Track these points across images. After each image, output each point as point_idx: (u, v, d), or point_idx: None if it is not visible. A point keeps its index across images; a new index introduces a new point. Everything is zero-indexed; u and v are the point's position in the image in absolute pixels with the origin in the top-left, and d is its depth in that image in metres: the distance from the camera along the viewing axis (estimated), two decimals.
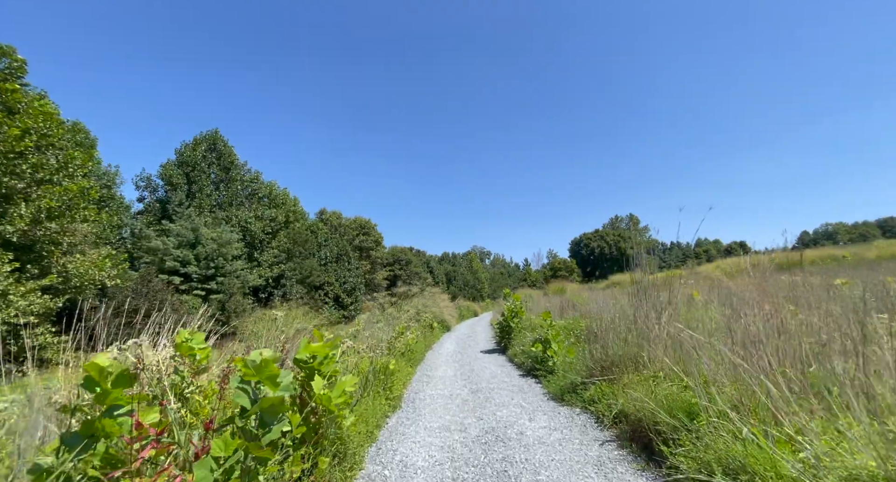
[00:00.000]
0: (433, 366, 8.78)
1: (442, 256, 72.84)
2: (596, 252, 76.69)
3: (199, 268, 29.87)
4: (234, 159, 35.56)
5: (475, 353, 10.51)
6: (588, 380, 5.19)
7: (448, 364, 9.10)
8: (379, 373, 5.89)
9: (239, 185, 35.36)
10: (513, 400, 5.64)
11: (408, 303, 16.90)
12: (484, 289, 62.45)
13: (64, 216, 17.18)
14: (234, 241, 31.57)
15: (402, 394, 6.23)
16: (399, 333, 8.58)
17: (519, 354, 8.38)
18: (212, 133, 35.04)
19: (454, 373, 8.01)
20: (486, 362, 9.02)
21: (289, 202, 40.54)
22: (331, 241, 41.31)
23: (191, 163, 32.79)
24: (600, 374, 5.12)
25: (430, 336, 13.52)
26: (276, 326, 10.19)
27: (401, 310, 16.00)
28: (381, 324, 9.81)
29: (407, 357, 8.52)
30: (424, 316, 14.89)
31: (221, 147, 35.18)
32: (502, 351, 10.35)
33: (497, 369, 8.10)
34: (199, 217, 30.84)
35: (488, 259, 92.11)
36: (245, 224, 34.47)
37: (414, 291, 17.42)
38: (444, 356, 10.40)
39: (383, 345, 8.01)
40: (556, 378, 6.06)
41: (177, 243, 29.27)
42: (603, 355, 5.25)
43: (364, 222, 46.23)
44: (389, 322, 14.72)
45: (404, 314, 15.18)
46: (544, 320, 7.19)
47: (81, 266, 18.11)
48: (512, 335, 10.12)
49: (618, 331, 5.47)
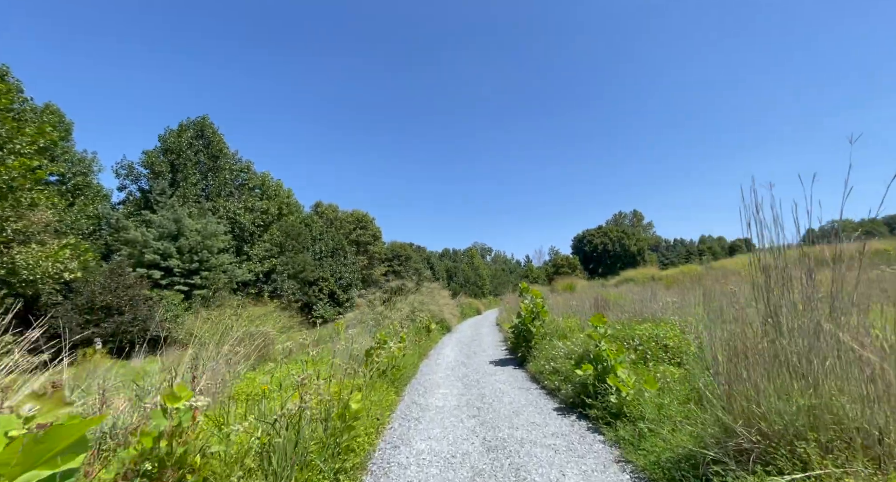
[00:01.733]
0: (427, 389, 6.19)
1: (442, 252, 70.32)
2: (599, 249, 73.96)
3: (182, 261, 27.30)
4: (222, 147, 32.94)
5: (483, 365, 7.92)
6: (722, 458, 2.56)
7: (448, 383, 6.51)
8: (333, 426, 3.30)
9: (228, 175, 32.73)
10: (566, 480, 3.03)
11: (402, 301, 14.29)
12: (485, 286, 59.86)
13: (5, 198, 14.61)
14: (221, 233, 28.99)
15: (365, 457, 3.61)
16: (379, 343, 5.97)
17: (548, 373, 5.78)
18: (200, 120, 32.42)
19: (456, 401, 5.41)
20: (501, 382, 6.42)
21: (282, 194, 37.94)
22: (326, 235, 38.72)
23: (175, 150, 30.18)
24: (754, 445, 2.49)
25: (427, 340, 10.92)
26: (222, 329, 7.62)
27: (393, 308, 13.41)
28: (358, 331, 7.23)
29: (390, 376, 5.92)
30: (420, 315, 12.32)
31: (210, 134, 32.56)
32: (519, 363, 7.75)
33: (518, 395, 5.50)
34: (182, 207, 28.25)
35: (489, 255, 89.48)
36: (234, 216, 31.87)
37: (409, 287, 14.78)
38: (442, 369, 7.80)
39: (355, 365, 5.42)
40: (630, 428, 3.46)
41: (157, 235, 26.70)
42: (755, 408, 2.62)
43: (361, 216, 43.58)
44: (380, 322, 12.14)
45: (397, 313, 12.63)
46: (595, 327, 4.55)
47: (31, 257, 15.57)
48: (532, 343, 7.52)
49: (782, 360, 2.83)
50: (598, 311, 7.81)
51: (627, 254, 71.47)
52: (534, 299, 8.12)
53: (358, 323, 12.01)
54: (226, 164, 32.80)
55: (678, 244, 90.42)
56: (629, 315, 6.94)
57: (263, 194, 37.30)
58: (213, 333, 7.73)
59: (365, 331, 10.10)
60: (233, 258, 30.55)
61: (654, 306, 6.77)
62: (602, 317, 4.53)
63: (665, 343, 4.96)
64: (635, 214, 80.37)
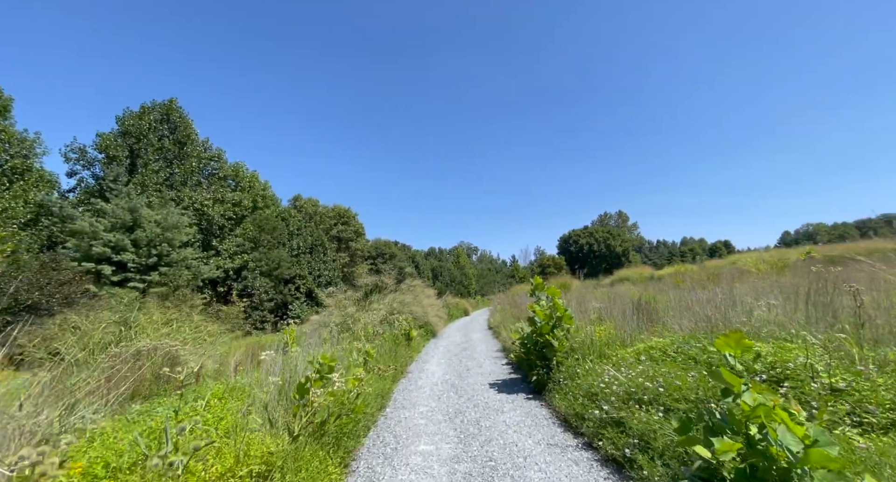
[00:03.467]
0: (399, 444, 3.78)
1: (428, 251, 67.86)
2: (585, 249, 72.70)
3: (138, 255, 24.08)
4: (190, 133, 29.70)
5: (482, 391, 5.55)
6: None
7: (433, 429, 4.11)
8: None
9: (195, 163, 29.52)
10: None
11: (380, 301, 11.82)
12: (472, 286, 57.63)
13: None
14: (184, 225, 25.85)
15: None
16: (320, 373, 3.51)
17: (597, 423, 3.45)
18: (166, 103, 29.14)
19: (448, 480, 3.02)
20: (515, 427, 4.06)
21: (257, 186, 34.85)
22: (304, 230, 35.78)
23: (136, 133, 26.89)
24: None
25: (408, 350, 8.49)
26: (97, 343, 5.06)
27: (368, 309, 10.93)
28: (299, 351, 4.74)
29: (333, 433, 3.45)
30: (400, 318, 9.88)
31: (177, 119, 29.31)
32: (534, 389, 5.40)
33: (555, 467, 3.15)
34: (140, 196, 25.02)
35: (475, 255, 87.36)
36: (201, 207, 28.71)
37: (389, 284, 12.31)
38: (425, 398, 5.39)
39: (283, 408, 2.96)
40: None
41: (109, 226, 23.45)
42: None
43: (343, 211, 40.69)
44: (350, 327, 9.63)
45: (372, 315, 10.15)
46: (729, 357, 2.21)
47: None
48: (555, 361, 5.18)
49: None
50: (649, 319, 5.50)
51: (613, 255, 70.41)
52: (552, 300, 5.78)
53: (321, 327, 9.47)
54: (194, 152, 29.59)
55: (661, 245, 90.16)
56: (695, 324, 4.66)
57: (237, 186, 34.18)
58: (85, 348, 5.14)
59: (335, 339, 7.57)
60: (198, 253, 27.42)
61: (736, 311, 4.53)
62: (741, 336, 2.20)
63: (828, 381, 2.70)
64: (620, 215, 79.45)
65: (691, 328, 4.69)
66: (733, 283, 13.03)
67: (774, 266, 17.60)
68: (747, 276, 16.24)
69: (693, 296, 5.69)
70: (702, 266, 30.54)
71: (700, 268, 27.74)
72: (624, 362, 4.25)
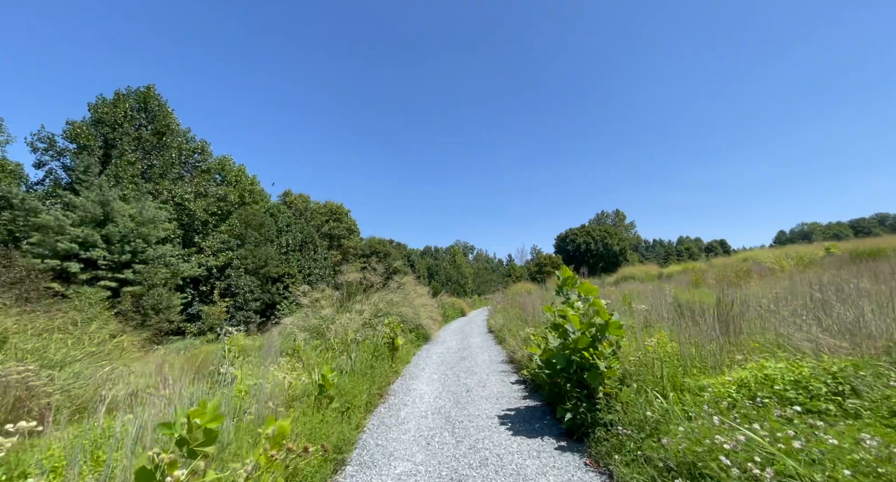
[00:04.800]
0: None
1: (424, 250, 66.05)
2: (582, 248, 71.09)
3: (110, 252, 22.05)
4: (170, 123, 27.64)
5: (491, 432, 3.76)
6: None
7: None
8: None
9: (175, 154, 27.49)
10: None
11: (365, 301, 10.01)
12: (468, 285, 55.86)
13: None
14: (162, 220, 23.84)
15: None
16: (190, 453, 1.74)
17: None
18: (143, 90, 27.07)
19: None
20: None
21: (244, 180, 32.86)
22: (294, 227, 33.84)
23: (110, 122, 24.85)
24: None
25: (388, 366, 6.67)
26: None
27: (349, 310, 9.11)
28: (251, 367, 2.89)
29: None
30: (385, 321, 8.07)
31: (155, 107, 27.26)
32: (569, 435, 3.63)
33: None
34: (114, 188, 22.99)
35: (471, 254, 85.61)
36: (181, 201, 26.70)
37: (375, 281, 10.49)
38: (403, 453, 3.59)
39: None
40: None
41: (78, 220, 21.42)
42: None
43: (336, 207, 38.74)
44: (323, 333, 7.81)
45: (352, 318, 8.34)
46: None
47: None
48: (601, 392, 3.40)
49: None
50: (726, 329, 3.73)
51: (610, 254, 68.89)
52: (590, 300, 4.00)
53: (286, 336, 7.65)
54: (174, 142, 27.55)
55: (657, 244, 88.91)
56: (841, 339, 2.94)
57: (223, 180, 32.18)
58: None
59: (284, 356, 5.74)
60: (178, 250, 25.43)
61: (878, 321, 2.79)
62: None
63: None
64: (617, 214, 77.98)
65: (832, 345, 2.94)
66: (769, 281, 11.12)
67: (800, 262, 16.03)
68: (773, 274, 14.61)
69: (794, 293, 3.91)
70: (709, 264, 28.98)
71: (708, 267, 26.17)
72: (722, 400, 2.47)
